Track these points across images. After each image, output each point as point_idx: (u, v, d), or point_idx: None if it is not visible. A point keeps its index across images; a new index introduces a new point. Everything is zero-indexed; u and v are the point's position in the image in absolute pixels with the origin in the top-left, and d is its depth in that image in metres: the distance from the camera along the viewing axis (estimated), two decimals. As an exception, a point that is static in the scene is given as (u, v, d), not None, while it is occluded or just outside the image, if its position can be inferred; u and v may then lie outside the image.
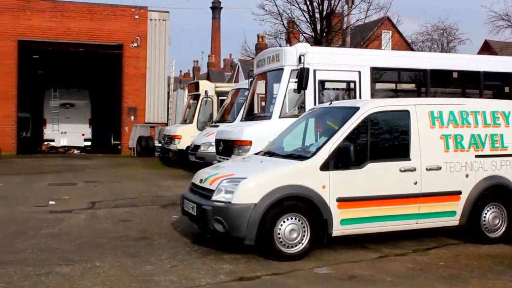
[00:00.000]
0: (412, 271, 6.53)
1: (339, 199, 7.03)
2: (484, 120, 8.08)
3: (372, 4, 24.19)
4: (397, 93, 13.80)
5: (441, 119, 7.80)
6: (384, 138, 7.89)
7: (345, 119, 7.42)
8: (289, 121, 9.58)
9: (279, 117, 11.77)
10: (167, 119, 27.92)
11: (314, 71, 12.08)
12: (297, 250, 6.86)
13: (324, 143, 7.25)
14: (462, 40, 38.47)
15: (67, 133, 30.78)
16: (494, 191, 7.98)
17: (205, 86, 20.27)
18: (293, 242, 6.84)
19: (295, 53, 12.08)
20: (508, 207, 8.00)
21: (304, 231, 6.89)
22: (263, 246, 6.82)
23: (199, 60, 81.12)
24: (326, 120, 8.36)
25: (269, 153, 8.23)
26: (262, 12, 24.42)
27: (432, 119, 7.75)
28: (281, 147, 8.59)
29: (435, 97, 12.58)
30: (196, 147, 16.70)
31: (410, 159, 7.50)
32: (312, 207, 6.91)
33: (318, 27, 23.88)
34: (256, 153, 8.74)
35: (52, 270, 6.33)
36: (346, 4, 23.89)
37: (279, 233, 6.78)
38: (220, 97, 19.68)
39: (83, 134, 31.20)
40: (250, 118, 13.42)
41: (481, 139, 7.99)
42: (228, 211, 6.75)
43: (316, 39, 23.62)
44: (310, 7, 23.66)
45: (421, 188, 7.47)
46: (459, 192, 7.73)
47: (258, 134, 11.55)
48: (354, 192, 7.15)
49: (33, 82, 32.13)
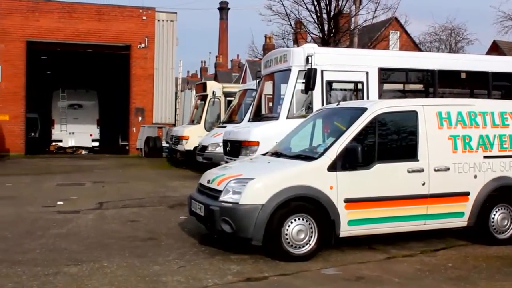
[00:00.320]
0: (420, 272, 6.51)
1: (347, 200, 7.02)
2: (493, 121, 8.04)
3: (380, 5, 24.22)
4: (405, 94, 13.74)
5: (449, 120, 7.77)
6: (392, 139, 7.87)
7: (353, 120, 7.41)
8: (297, 122, 9.57)
9: (287, 118, 11.77)
10: (175, 120, 27.95)
11: (322, 72, 12.07)
12: (305, 251, 6.86)
13: (332, 144, 7.24)
14: (471, 41, 38.36)
15: (75, 134, 30.88)
16: (503, 192, 7.94)
17: (213, 87, 20.27)
18: (301, 243, 6.83)
19: (303, 54, 12.07)
20: (517, 208, 7.96)
21: (312, 232, 6.88)
22: (271, 247, 6.81)
23: (207, 61, 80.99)
24: (334, 121, 8.35)
25: (277, 154, 8.23)
26: (270, 13, 24.47)
27: (440, 120, 7.72)
28: (289, 148, 8.58)
29: (443, 98, 12.52)
30: (204, 148, 16.71)
31: (418, 160, 7.47)
32: (320, 208, 6.91)
33: (326, 28, 23.87)
34: (264, 154, 8.73)
35: (60, 270, 6.35)
36: (354, 5, 23.90)
37: (287, 234, 6.78)
38: (228, 98, 19.67)
39: (91, 135, 31.29)
40: (258, 119, 13.42)
41: (490, 140, 7.95)
42: (236, 212, 6.76)
43: (324, 40, 23.60)
44: (318, 8, 23.66)
45: (429, 189, 7.44)
46: (467, 193, 7.70)
47: (266, 135, 11.56)
48: (362, 193, 7.14)
49: (42, 83, 32.26)
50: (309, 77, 11.61)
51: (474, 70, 13.77)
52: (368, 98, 12.36)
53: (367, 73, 12.58)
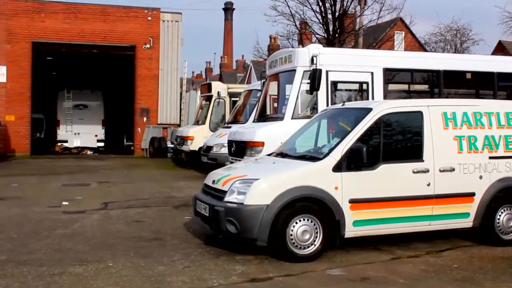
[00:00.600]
0: (425, 273, 6.50)
1: (352, 201, 7.01)
2: (498, 121, 8.02)
3: (385, 5, 24.16)
4: (410, 94, 13.73)
5: (455, 120, 7.76)
6: (397, 139, 7.86)
7: (358, 120, 7.40)
8: (302, 122, 9.57)
9: (292, 118, 11.77)
10: (180, 120, 28.00)
11: (327, 72, 12.07)
12: (310, 252, 6.86)
13: (337, 144, 7.24)
14: (476, 41, 38.28)
15: (80, 134, 30.94)
16: (508, 193, 7.91)
17: (218, 87, 20.27)
18: (306, 244, 6.83)
19: (308, 54, 12.07)
20: (523, 209, 7.93)
21: (317, 232, 6.88)
22: (276, 247, 6.82)
23: (212, 61, 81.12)
24: (339, 121, 8.35)
25: (282, 154, 8.23)
26: (275, 13, 24.48)
27: (446, 120, 7.71)
28: (294, 148, 8.58)
29: (449, 98, 12.49)
30: (209, 148, 16.72)
31: (423, 161, 7.46)
32: (325, 208, 6.90)
33: (331, 28, 23.86)
34: (269, 154, 8.74)
35: (66, 270, 6.37)
36: (359, 5, 23.84)
37: (292, 234, 6.78)
38: (233, 98, 19.68)
39: (96, 135, 31.34)
40: (263, 119, 13.42)
41: (495, 141, 7.93)
42: (241, 212, 6.76)
43: (329, 40, 23.59)
44: (323, 8, 23.65)
45: (434, 190, 7.43)
46: (473, 194, 7.68)
47: (271, 135, 11.56)
48: (367, 194, 7.13)
49: (47, 84, 32.34)
50: (314, 78, 11.61)
51: (480, 71, 13.75)
52: (373, 99, 12.35)
53: (372, 74, 12.57)
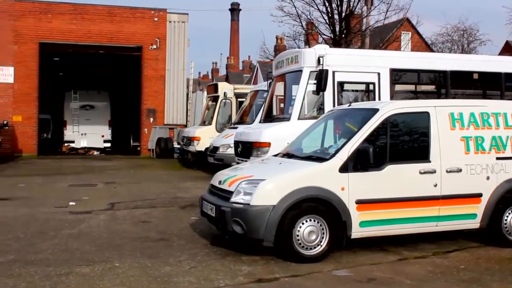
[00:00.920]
0: (432, 274, 6.48)
1: (358, 201, 7.00)
2: (506, 122, 7.99)
3: (392, 5, 24.10)
4: (417, 95, 13.69)
5: (462, 121, 7.73)
6: (404, 140, 7.84)
7: (364, 121, 7.39)
8: (308, 123, 9.56)
9: (298, 119, 11.76)
10: (186, 121, 28.03)
11: (333, 73, 12.06)
12: (316, 252, 6.85)
13: (343, 145, 7.23)
14: (483, 41, 38.09)
15: (87, 135, 31.04)
16: (516, 194, 7.87)
17: (224, 88, 20.28)
18: (312, 244, 6.82)
19: (314, 55, 12.06)
20: (530, 210, 7.89)
21: (323, 233, 6.87)
22: (282, 248, 6.81)
23: (218, 62, 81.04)
24: (345, 122, 8.33)
25: (288, 155, 8.23)
26: (281, 14, 24.47)
27: (453, 121, 7.69)
28: (300, 149, 8.57)
29: (455, 99, 12.45)
30: (215, 149, 16.72)
31: (430, 161, 7.44)
32: (331, 209, 6.89)
33: (337, 29, 23.84)
34: (275, 155, 8.73)
35: (72, 271, 6.39)
36: (365, 5, 23.81)
37: (298, 235, 6.77)
38: (239, 99, 19.69)
39: (103, 136, 31.44)
40: (269, 120, 13.42)
41: (502, 141, 7.90)
42: (247, 213, 6.75)
43: (335, 41, 23.56)
44: (329, 9, 23.63)
45: (441, 190, 7.40)
46: (480, 195, 7.65)
47: (277, 136, 11.55)
48: (373, 194, 7.11)
49: (54, 84, 32.47)
50: (321, 78, 11.60)
51: (487, 71, 13.70)
52: (380, 99, 12.33)
53: (379, 74, 12.55)
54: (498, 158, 7.81)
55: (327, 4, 23.55)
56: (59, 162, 23.25)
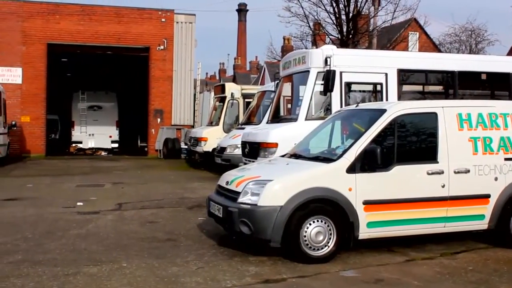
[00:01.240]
0: (440, 275, 6.45)
1: (366, 202, 6.99)
2: (514, 123, 7.95)
3: (399, 6, 24.13)
4: (424, 95, 13.65)
5: (470, 122, 7.70)
6: (411, 141, 7.82)
7: (372, 122, 7.37)
8: (315, 124, 9.53)
9: (305, 119, 11.76)
10: (193, 121, 28.07)
11: (340, 73, 12.06)
12: (323, 253, 6.84)
13: (351, 146, 7.22)
14: (491, 42, 37.94)
15: (95, 135, 31.13)
16: (524, 195, 7.83)
17: (231, 88, 20.30)
18: (319, 245, 6.81)
19: (321, 55, 12.06)
20: (539, 211, 7.85)
21: (330, 234, 6.86)
22: (289, 249, 6.80)
23: (225, 63, 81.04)
24: (353, 123, 8.32)
25: (295, 155, 8.22)
26: (288, 14, 24.47)
27: (460, 122, 7.66)
28: (307, 149, 8.56)
29: (463, 99, 12.41)
30: (222, 149, 16.74)
31: (438, 162, 7.41)
32: (338, 210, 6.88)
33: (344, 29, 23.82)
34: (282, 155, 8.72)
35: (80, 271, 6.41)
36: (373, 6, 23.78)
37: (305, 236, 6.76)
38: (246, 99, 19.69)
39: (111, 136, 31.50)
40: (276, 120, 13.42)
41: (511, 142, 7.86)
42: (254, 213, 6.75)
43: (342, 41, 23.54)
44: (336, 9, 23.62)
45: (449, 191, 7.38)
46: (488, 196, 7.62)
47: (284, 136, 11.55)
48: (381, 195, 7.10)
49: (62, 85, 32.57)
50: (328, 79, 11.59)
51: (495, 71, 13.65)
52: (387, 100, 12.30)
53: (386, 75, 12.53)
54: (507, 159, 7.77)
55: (335, 5, 23.55)
56: (67, 163, 23.33)
